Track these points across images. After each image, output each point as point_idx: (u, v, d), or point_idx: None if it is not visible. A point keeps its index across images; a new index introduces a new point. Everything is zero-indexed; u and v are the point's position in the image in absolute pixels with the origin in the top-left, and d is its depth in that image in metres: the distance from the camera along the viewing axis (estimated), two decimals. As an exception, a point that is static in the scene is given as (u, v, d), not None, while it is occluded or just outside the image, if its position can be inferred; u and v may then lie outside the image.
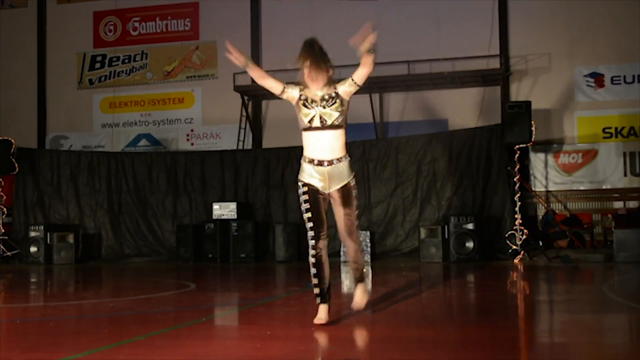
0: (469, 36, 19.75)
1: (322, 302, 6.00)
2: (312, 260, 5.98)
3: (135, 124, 22.62)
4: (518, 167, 16.03)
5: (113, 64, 22.95)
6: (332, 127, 5.95)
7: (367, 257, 16.01)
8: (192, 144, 21.81)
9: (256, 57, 21.18)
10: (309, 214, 5.93)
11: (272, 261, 16.96)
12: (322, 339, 5.36)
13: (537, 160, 19.03)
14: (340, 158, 5.97)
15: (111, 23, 22.99)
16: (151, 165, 19.07)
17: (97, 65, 23.05)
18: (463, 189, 16.69)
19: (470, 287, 10.75)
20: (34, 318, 7.33)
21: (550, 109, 19.17)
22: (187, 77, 22.24)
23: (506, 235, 15.73)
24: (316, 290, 6.02)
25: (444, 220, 16.08)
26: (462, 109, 19.64)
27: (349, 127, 6.27)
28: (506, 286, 10.96)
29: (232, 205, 17.33)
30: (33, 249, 17.79)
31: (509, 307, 8.04)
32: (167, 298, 8.74)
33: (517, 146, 15.77)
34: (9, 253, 18.24)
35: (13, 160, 18.63)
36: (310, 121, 5.95)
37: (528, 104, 15.84)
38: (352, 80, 6.13)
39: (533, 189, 18.54)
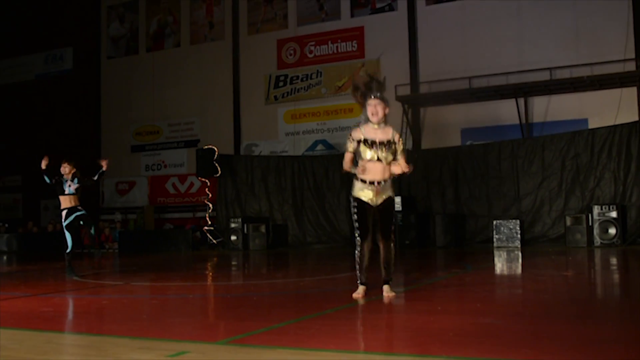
0: (605, 42, 18.81)
1: (361, 284, 6.42)
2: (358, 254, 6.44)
3: (313, 131, 23.07)
4: (657, 159, 15.12)
5: (293, 82, 23.51)
6: (385, 162, 6.16)
7: (517, 243, 15.59)
8: (361, 148, 21.96)
9: (414, 70, 21.11)
10: (356, 215, 6.38)
11: (433, 247, 16.83)
12: (486, 313, 5.27)
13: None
14: (387, 180, 6.24)
15: (291, 48, 23.57)
16: (328, 166, 19.39)
17: (281, 84, 23.69)
18: (605, 181, 15.94)
19: (614, 270, 10.22)
20: (240, 294, 7.62)
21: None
22: (356, 91, 22.41)
23: (647, 221, 14.86)
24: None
25: (588, 209, 15.40)
26: (601, 108, 18.73)
27: (497, 128, 6.25)
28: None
29: (397, 198, 17.28)
30: (233, 237, 18.53)
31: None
32: (346, 278, 8.84)
33: (656, 140, 14.88)
34: (214, 241, 19.11)
35: (216, 164, 19.53)
36: (370, 159, 6.13)
37: (666, 101, 14.91)
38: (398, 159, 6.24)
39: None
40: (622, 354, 3.76)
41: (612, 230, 14.79)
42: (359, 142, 6.15)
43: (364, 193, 6.24)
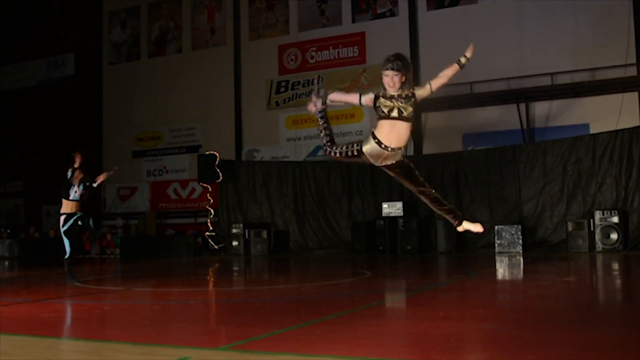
0: (606, 47, 18.79)
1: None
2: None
3: (314, 137, 23.01)
4: (659, 164, 15.09)
5: (295, 87, 23.50)
6: (406, 119, 5.77)
7: (519, 248, 15.55)
8: (362, 153, 21.93)
9: (415, 75, 21.05)
10: (353, 152, 6.01)
11: (434, 252, 16.80)
12: (488, 318, 5.25)
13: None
14: (401, 147, 5.87)
15: (293, 54, 23.57)
16: (329, 172, 19.39)
17: (282, 89, 23.69)
18: (606, 186, 15.92)
19: (616, 275, 10.20)
20: (242, 299, 7.61)
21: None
22: (357, 96, 22.39)
23: (649, 227, 14.84)
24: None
25: (589, 214, 15.39)
26: (603, 114, 18.70)
27: (499, 133, 6.10)
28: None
29: (399, 204, 17.30)
30: (235, 242, 18.52)
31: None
32: (348, 284, 8.83)
33: (657, 146, 14.86)
34: (216, 246, 19.10)
35: (218, 170, 19.53)
36: (389, 111, 5.79)
37: (667, 106, 14.89)
38: (430, 86, 5.83)
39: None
40: (624, 359, 3.75)
41: (614, 236, 14.78)
42: (376, 97, 5.85)
43: (372, 150, 5.91)
